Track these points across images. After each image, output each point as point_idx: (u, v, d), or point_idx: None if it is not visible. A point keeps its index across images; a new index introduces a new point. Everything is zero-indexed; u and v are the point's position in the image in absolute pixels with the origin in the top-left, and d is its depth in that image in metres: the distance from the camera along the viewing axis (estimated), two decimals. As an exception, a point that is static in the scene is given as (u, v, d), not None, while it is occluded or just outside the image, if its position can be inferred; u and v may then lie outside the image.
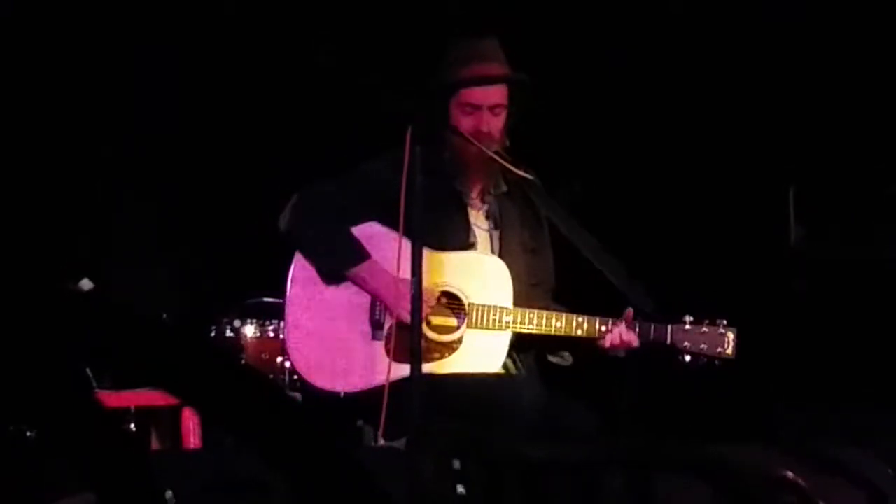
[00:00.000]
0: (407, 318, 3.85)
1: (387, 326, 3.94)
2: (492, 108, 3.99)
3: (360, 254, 3.95)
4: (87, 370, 2.38)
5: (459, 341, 3.93)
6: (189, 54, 5.34)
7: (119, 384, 4.43)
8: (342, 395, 3.93)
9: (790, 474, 3.12)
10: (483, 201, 4.11)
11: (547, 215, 4.12)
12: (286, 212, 4.00)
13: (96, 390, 4.13)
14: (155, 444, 4.88)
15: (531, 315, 3.91)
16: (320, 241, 3.99)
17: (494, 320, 3.91)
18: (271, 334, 4.78)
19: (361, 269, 3.95)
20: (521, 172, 3.98)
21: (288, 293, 4.00)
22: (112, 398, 4.46)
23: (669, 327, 3.93)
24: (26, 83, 5.13)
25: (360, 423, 4.00)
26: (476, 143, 3.91)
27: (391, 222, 3.86)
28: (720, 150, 5.33)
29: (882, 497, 3.33)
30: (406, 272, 3.78)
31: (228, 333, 4.86)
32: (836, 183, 5.25)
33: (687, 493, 3.12)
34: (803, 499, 3.14)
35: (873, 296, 5.12)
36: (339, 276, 3.97)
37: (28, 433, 3.43)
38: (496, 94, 4.00)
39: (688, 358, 3.94)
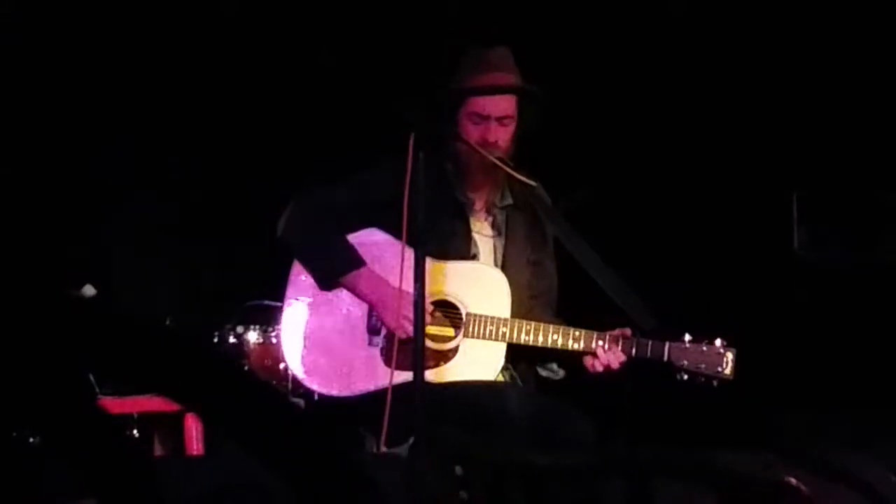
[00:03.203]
0: (398, 331, 3.86)
1: (383, 333, 3.93)
2: (500, 119, 3.96)
3: (353, 260, 3.95)
4: (90, 376, 2.38)
5: (456, 350, 3.91)
6: (194, 58, 5.34)
7: (122, 390, 4.43)
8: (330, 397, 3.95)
9: (792, 480, 3.11)
10: (489, 212, 4.09)
11: (552, 229, 4.11)
12: (282, 218, 4.00)
13: (99, 396, 4.14)
14: (158, 451, 4.88)
15: (528, 327, 3.88)
16: (314, 248, 3.98)
17: (492, 331, 3.89)
18: (274, 340, 4.77)
19: (354, 276, 3.94)
20: (523, 178, 3.97)
21: (286, 298, 4.00)
22: (115, 404, 4.46)
23: (667, 345, 3.88)
24: (29, 88, 5.13)
25: (361, 429, 4.00)
26: (479, 149, 3.90)
27: (392, 230, 3.86)
28: (724, 155, 5.33)
29: (884, 503, 3.32)
30: (406, 281, 3.80)
31: (231, 339, 4.86)
32: (840, 188, 5.25)
33: (689, 499, 3.11)
34: (806, 505, 3.14)
35: (876, 301, 5.12)
36: (333, 282, 3.96)
37: (31, 439, 3.43)
38: (505, 104, 3.98)
39: (685, 377, 3.90)
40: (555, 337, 3.88)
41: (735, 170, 5.32)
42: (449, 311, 3.94)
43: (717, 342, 3.90)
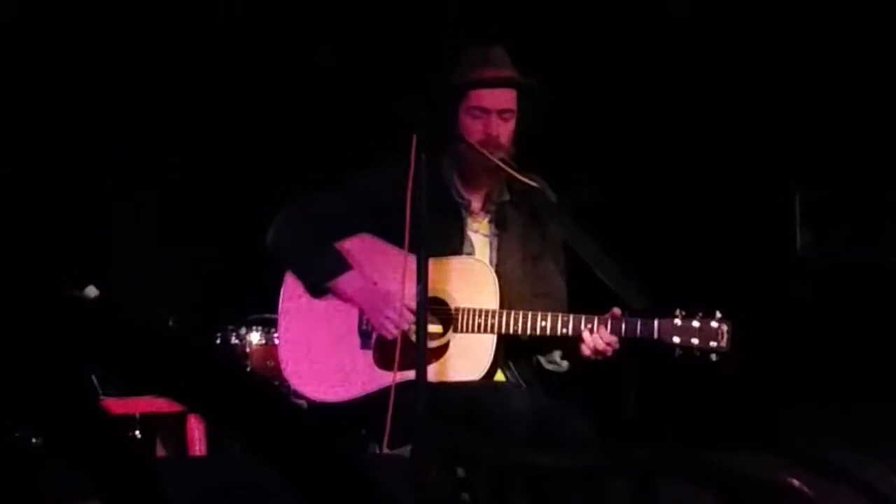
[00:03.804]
0: (385, 332, 3.87)
1: (374, 335, 3.93)
2: (501, 113, 3.97)
3: (339, 265, 3.95)
4: (93, 377, 2.38)
5: (446, 346, 3.91)
6: (194, 58, 5.34)
7: (124, 391, 4.43)
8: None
9: (795, 482, 3.11)
10: (486, 210, 4.09)
11: (555, 227, 4.10)
12: (270, 228, 4.01)
13: (102, 397, 4.14)
14: (160, 452, 4.88)
15: (517, 315, 3.86)
16: (299, 255, 4.00)
17: (481, 323, 3.88)
18: (276, 341, 4.77)
19: (341, 280, 3.95)
20: (526, 180, 3.97)
21: (280, 304, 4.01)
22: (117, 405, 4.46)
23: (657, 322, 3.82)
24: (29, 88, 5.13)
25: (364, 431, 4.00)
26: (483, 151, 3.90)
27: (389, 232, 3.85)
28: (726, 155, 5.33)
29: (885, 503, 3.32)
30: (398, 282, 3.81)
31: (234, 340, 4.86)
32: (843, 188, 5.25)
33: (692, 500, 3.11)
34: (809, 506, 3.13)
35: (879, 301, 5.12)
36: (321, 288, 3.97)
37: (33, 440, 3.43)
38: (505, 98, 3.98)
39: (680, 352, 3.81)
40: (543, 323, 3.85)
41: (738, 171, 5.32)
42: (437, 308, 3.93)
43: (712, 314, 3.83)
